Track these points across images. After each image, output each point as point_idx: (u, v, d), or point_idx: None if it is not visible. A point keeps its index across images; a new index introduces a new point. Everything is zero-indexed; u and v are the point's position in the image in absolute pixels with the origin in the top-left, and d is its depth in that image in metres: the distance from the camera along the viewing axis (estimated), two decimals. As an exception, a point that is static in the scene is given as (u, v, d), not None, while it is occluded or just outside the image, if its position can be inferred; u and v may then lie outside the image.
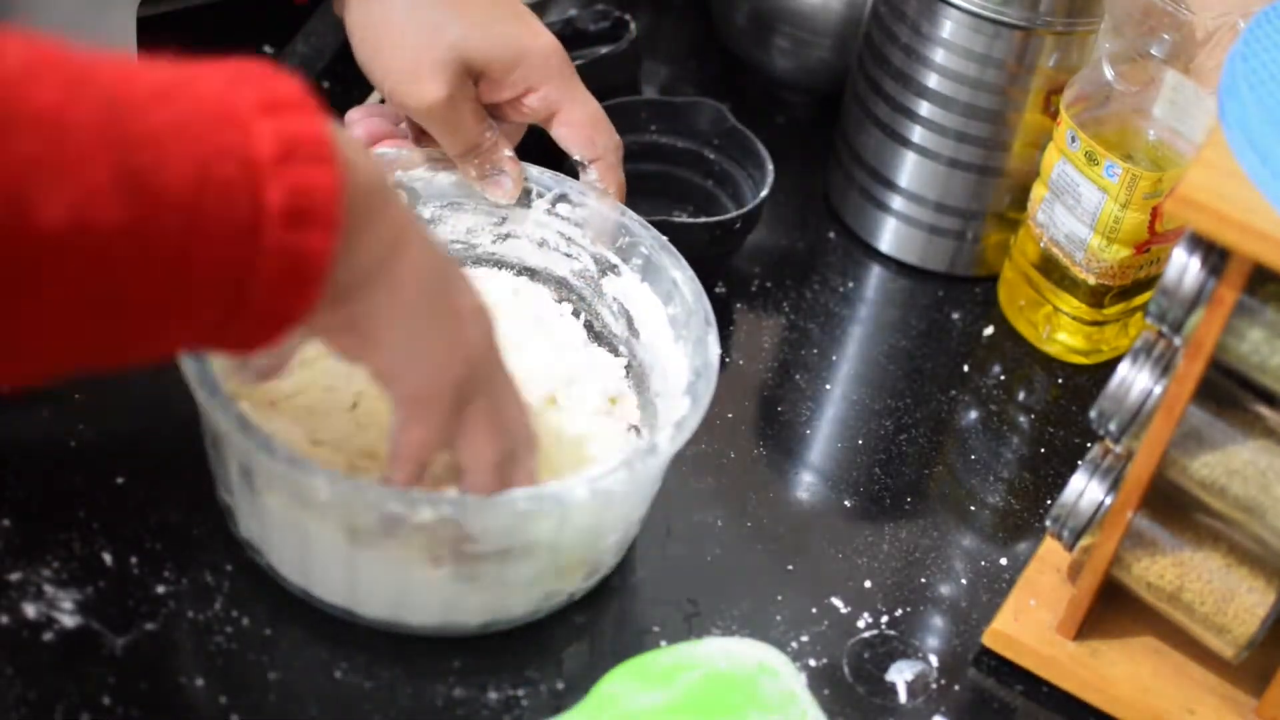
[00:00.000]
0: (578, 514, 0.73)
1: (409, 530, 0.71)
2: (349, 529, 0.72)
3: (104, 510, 0.79)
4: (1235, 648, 0.78)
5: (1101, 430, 0.77)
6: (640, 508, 0.80)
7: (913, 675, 0.81)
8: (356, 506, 0.70)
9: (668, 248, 0.86)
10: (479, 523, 0.71)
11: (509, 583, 0.75)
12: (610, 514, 0.76)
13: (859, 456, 0.92)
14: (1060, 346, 1.00)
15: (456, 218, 0.90)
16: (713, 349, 0.80)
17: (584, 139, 0.89)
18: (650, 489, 0.79)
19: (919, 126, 1.00)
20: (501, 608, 0.76)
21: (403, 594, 0.75)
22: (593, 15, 1.11)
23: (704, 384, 0.78)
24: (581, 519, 0.74)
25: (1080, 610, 0.80)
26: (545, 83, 0.87)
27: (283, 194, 0.57)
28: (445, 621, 0.76)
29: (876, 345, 1.00)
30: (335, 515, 0.71)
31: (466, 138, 0.86)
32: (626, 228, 0.87)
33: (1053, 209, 0.96)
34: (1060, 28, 0.95)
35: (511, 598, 0.76)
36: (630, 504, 0.78)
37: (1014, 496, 0.91)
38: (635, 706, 0.73)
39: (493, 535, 0.72)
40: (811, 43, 1.11)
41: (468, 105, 0.86)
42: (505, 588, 0.75)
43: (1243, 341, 0.71)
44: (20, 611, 0.74)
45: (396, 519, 0.70)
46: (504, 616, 0.77)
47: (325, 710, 0.74)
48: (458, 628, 0.76)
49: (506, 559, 0.73)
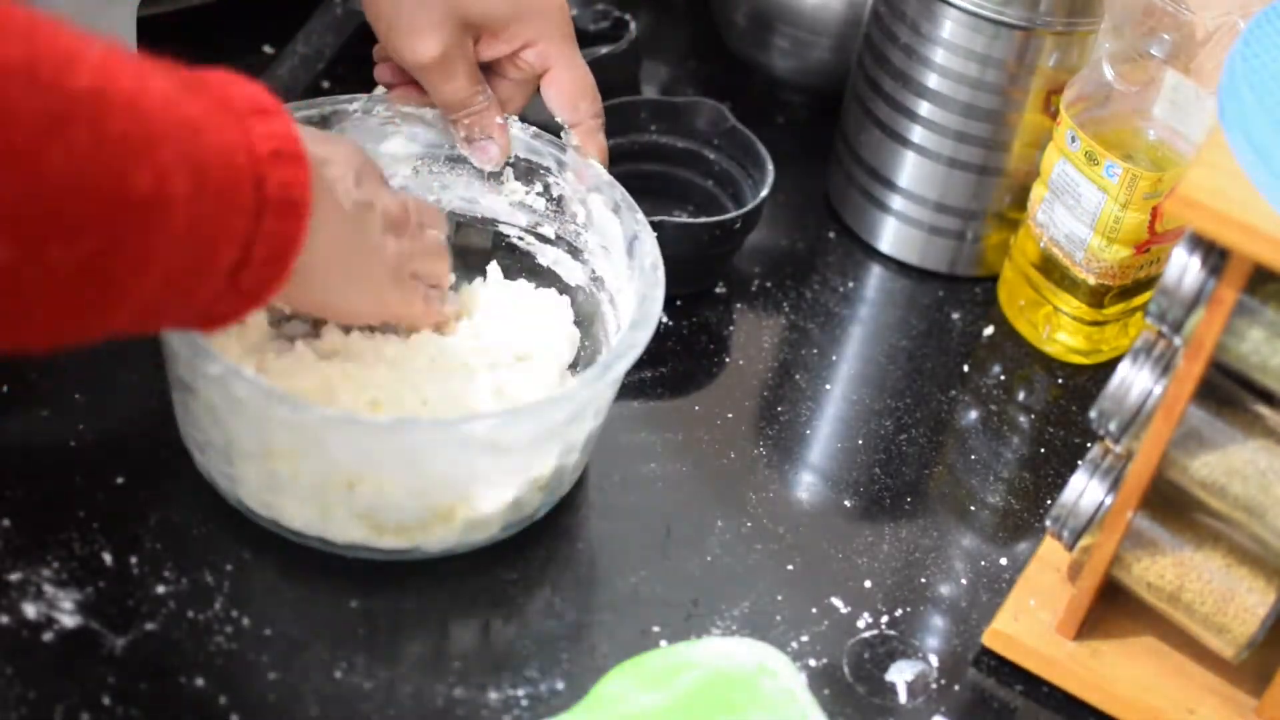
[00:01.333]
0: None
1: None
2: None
3: (104, 510, 0.79)
4: (1235, 648, 0.78)
5: (1101, 430, 0.77)
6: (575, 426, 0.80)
7: (913, 675, 0.81)
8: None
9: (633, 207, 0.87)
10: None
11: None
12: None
13: (859, 456, 0.92)
14: (1060, 346, 1.00)
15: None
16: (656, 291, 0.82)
17: (568, 103, 0.89)
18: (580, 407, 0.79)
19: (919, 126, 1.00)
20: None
21: (372, 509, 0.76)
22: (593, 15, 1.11)
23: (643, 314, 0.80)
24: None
25: (1080, 610, 0.80)
26: (542, 39, 0.87)
27: (277, 185, 0.66)
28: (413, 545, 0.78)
29: (876, 345, 1.00)
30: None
31: (458, 96, 0.87)
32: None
33: (1053, 209, 0.96)
34: (1060, 28, 0.95)
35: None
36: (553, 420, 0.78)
37: (1014, 496, 0.91)
38: (635, 706, 0.73)
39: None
40: (811, 43, 1.11)
41: (462, 64, 0.86)
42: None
43: (1243, 341, 0.71)
44: (20, 611, 0.74)
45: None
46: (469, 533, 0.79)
47: (325, 710, 0.74)
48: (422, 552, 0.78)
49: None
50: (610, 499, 0.85)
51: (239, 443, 0.76)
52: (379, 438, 0.75)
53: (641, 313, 0.80)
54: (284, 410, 0.73)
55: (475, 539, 0.79)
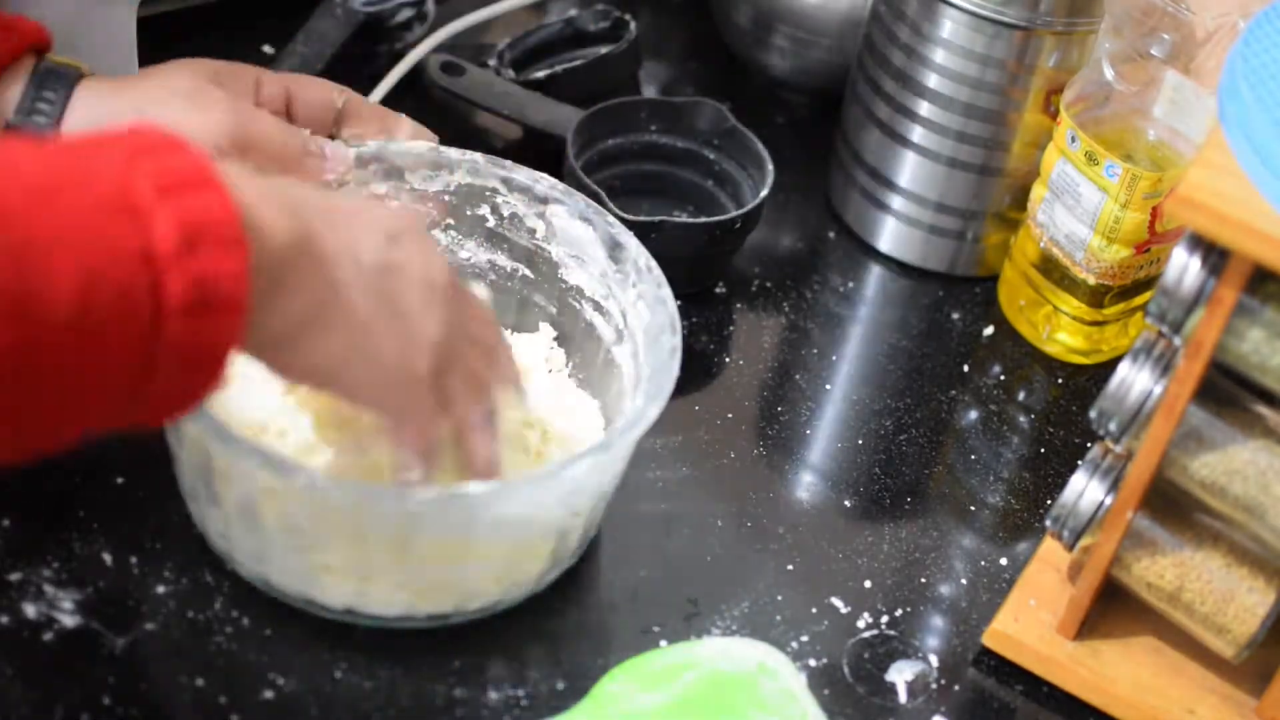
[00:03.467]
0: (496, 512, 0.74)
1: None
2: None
3: (104, 510, 0.79)
4: (1235, 648, 0.78)
5: (1101, 430, 0.77)
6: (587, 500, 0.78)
7: (913, 675, 0.81)
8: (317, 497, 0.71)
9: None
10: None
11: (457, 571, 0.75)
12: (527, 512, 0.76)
13: (859, 456, 0.92)
14: (1060, 346, 1.00)
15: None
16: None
17: (327, 92, 0.87)
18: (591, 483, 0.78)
19: (919, 126, 1.00)
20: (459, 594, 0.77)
21: (363, 581, 0.75)
22: (593, 15, 1.11)
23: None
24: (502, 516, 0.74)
25: (1080, 610, 0.80)
26: (259, 76, 0.85)
27: (185, 285, 0.56)
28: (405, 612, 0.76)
29: (876, 345, 1.00)
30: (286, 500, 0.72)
31: (289, 136, 0.83)
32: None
33: (1053, 209, 0.96)
34: (1060, 28, 0.95)
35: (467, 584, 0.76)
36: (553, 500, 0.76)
37: (1014, 496, 0.91)
38: (635, 706, 0.73)
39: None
40: (811, 43, 1.11)
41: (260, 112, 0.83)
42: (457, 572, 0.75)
43: (1243, 341, 0.71)
44: (20, 611, 0.74)
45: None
46: (462, 607, 0.77)
47: (325, 710, 0.74)
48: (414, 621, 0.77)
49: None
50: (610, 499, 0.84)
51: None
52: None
53: (655, 386, 0.78)
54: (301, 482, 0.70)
55: (470, 607, 0.78)
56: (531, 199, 0.87)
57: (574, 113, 1.01)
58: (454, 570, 0.75)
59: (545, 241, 0.87)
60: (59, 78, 0.81)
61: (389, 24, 1.09)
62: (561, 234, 0.86)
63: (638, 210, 0.99)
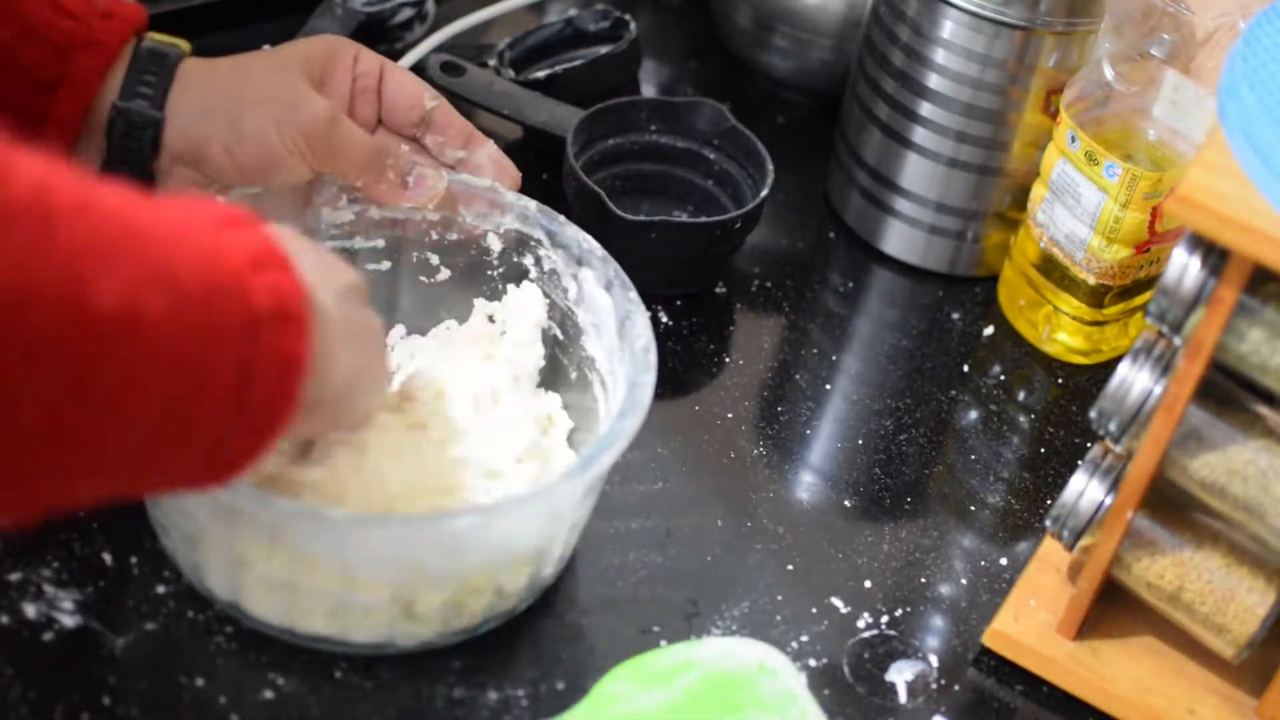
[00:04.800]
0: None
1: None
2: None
3: (104, 510, 0.79)
4: (1235, 648, 0.78)
5: (1101, 430, 0.77)
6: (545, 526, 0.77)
7: (913, 675, 0.81)
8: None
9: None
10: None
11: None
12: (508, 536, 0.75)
13: (859, 456, 0.92)
14: (1060, 346, 1.00)
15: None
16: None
17: (416, 93, 0.85)
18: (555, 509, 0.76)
19: (919, 126, 1.00)
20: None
21: (343, 606, 0.73)
22: (593, 15, 1.11)
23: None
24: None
25: (1080, 610, 0.80)
26: (356, 51, 0.84)
27: (267, 297, 0.59)
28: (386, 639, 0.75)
29: (876, 345, 1.00)
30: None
31: (368, 141, 0.83)
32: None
33: (1053, 209, 0.96)
34: (1060, 28, 0.95)
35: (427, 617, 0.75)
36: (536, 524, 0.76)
37: (1014, 496, 0.91)
38: (635, 706, 0.73)
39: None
40: (811, 43, 1.11)
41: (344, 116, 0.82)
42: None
43: (1243, 341, 0.71)
44: (20, 611, 0.74)
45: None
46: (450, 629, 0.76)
47: (325, 710, 0.74)
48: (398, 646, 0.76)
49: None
50: (610, 499, 0.84)
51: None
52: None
53: (630, 400, 0.76)
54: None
55: (457, 625, 0.77)
56: (569, 258, 0.84)
57: (574, 113, 1.01)
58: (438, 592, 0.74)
59: (575, 304, 0.85)
60: (160, 58, 0.79)
61: (389, 24, 1.09)
62: (588, 300, 0.84)
63: (638, 210, 0.99)
